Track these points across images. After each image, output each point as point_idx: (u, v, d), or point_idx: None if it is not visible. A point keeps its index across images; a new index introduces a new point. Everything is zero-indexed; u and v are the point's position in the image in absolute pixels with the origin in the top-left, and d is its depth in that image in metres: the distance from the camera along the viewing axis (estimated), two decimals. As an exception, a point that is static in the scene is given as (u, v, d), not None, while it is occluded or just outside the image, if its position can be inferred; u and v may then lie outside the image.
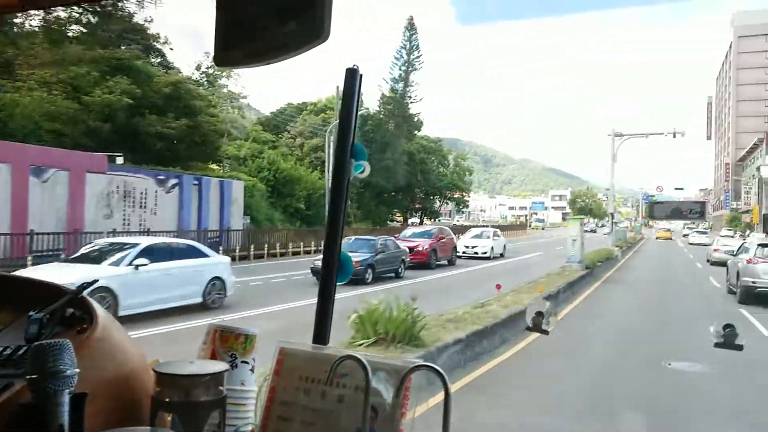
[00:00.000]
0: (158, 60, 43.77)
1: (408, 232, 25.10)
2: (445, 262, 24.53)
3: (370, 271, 16.66)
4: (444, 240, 24.14)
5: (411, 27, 50.45)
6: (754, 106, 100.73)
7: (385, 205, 54.84)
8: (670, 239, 76.30)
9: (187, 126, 38.33)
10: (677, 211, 23.57)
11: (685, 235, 74.79)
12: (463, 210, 75.36)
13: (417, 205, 69.43)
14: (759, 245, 16.86)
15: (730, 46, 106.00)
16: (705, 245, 41.79)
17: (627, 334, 11.40)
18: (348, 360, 0.96)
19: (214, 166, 40.34)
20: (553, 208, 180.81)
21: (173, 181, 24.75)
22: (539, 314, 2.40)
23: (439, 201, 72.25)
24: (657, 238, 76.70)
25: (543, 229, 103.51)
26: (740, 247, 18.79)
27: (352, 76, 1.26)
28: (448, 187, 67.52)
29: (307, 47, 0.88)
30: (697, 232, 70.55)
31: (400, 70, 51.12)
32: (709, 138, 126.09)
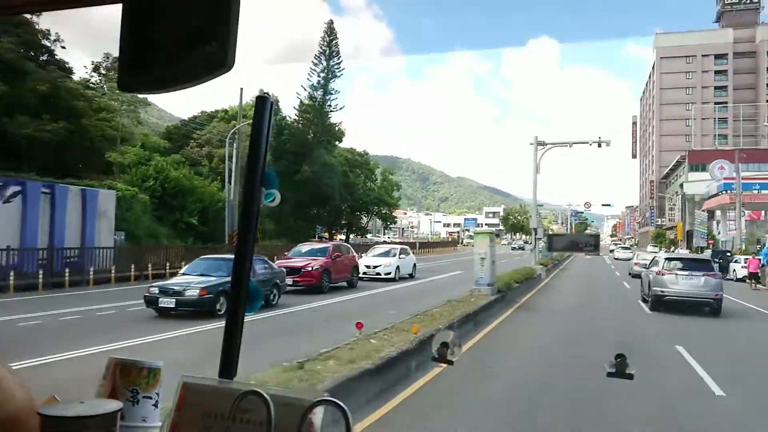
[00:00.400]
0: (45, 58, 38.92)
1: (301, 248, 21.50)
2: (344, 283, 21.09)
3: (222, 299, 12.93)
4: (341, 258, 20.67)
5: (330, 32, 47.35)
6: (677, 125, 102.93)
7: (305, 221, 51.04)
8: (598, 255, 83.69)
9: (68, 130, 33.71)
10: (574, 243, 23.86)
11: (611, 251, 79.03)
12: (390, 226, 72.19)
13: (343, 221, 66.11)
14: (666, 259, 18.85)
15: (653, 67, 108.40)
16: (628, 260, 45.73)
17: (533, 389, 8.17)
18: (250, 395, 0.93)
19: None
20: (486, 225, 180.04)
21: (14, 189, 20.32)
22: (444, 345, 2.49)
23: (366, 217, 69.04)
24: (586, 253, 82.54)
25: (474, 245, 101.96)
26: (652, 260, 20.93)
27: (263, 103, 1.18)
28: (375, 202, 64.45)
29: (211, 76, 0.89)
30: (621, 248, 76.15)
31: (318, 76, 47.82)
32: (634, 156, 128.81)
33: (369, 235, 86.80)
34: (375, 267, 23.24)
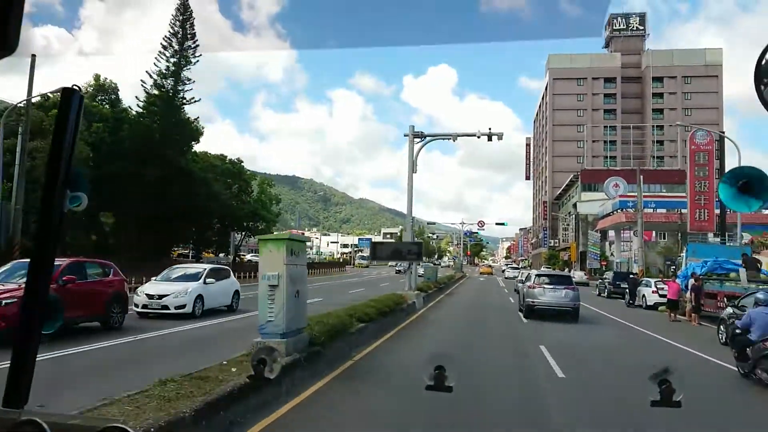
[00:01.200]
0: None
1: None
2: (98, 323, 13.14)
3: None
4: (83, 286, 12.70)
5: (184, 9, 39.14)
6: (569, 146, 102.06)
7: (152, 235, 41.86)
8: (491, 274, 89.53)
9: None
10: (398, 251, 22.95)
11: (503, 271, 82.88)
12: (267, 244, 64.19)
13: (214, 238, 57.21)
14: (537, 275, 22.21)
15: (546, 88, 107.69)
16: (515, 278, 50.31)
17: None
18: (27, 426, 0.88)
19: None
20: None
21: None
22: (262, 361, 2.44)
23: (239, 234, 60.36)
24: (481, 273, 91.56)
25: (367, 266, 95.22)
26: (526, 276, 24.81)
27: (69, 97, 1.07)
28: (249, 216, 56.12)
29: None
30: (511, 268, 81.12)
31: (168, 62, 39.33)
32: (528, 178, 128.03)
33: (249, 255, 78.10)
34: (161, 297, 15.32)
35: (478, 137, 21.44)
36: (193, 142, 44.00)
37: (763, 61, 2.67)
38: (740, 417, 8.26)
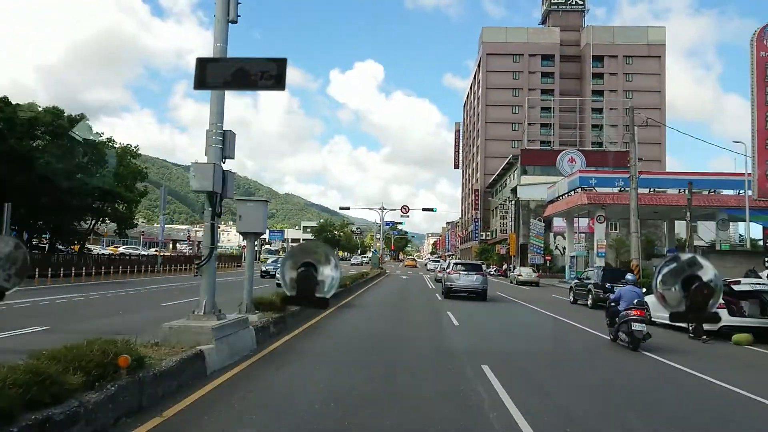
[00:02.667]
0: None
1: None
2: None
3: None
4: None
5: None
6: (503, 129, 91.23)
7: None
8: (416, 266, 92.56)
9: None
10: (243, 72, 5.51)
11: (425, 265, 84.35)
12: (126, 231, 48.18)
13: (42, 222, 41.49)
14: (453, 264, 28.49)
15: (479, 64, 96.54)
16: (435, 270, 50.73)
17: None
18: None
19: None
20: (303, 240, 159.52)
21: None
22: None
23: (92, 217, 44.64)
24: (406, 266, 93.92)
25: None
26: (447, 264, 31.83)
27: None
28: (103, 195, 40.89)
29: None
30: (432, 260, 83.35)
31: None
32: (457, 166, 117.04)
33: (99, 246, 61.94)
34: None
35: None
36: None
37: None
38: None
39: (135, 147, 45.43)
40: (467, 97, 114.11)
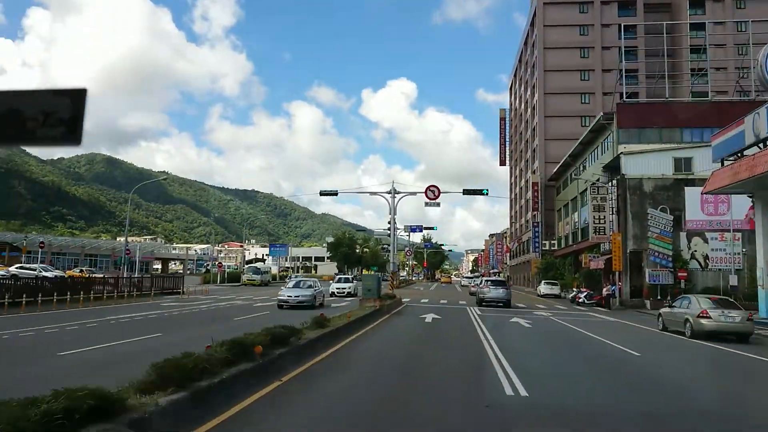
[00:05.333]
0: None
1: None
2: None
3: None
4: None
5: None
6: (568, 102, 66.47)
7: None
8: (450, 283, 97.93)
9: None
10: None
11: (460, 281, 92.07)
12: None
13: None
14: (485, 280, 36.54)
15: (532, 22, 72.37)
16: (469, 285, 59.96)
17: None
18: None
19: None
20: (328, 258, 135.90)
21: None
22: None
23: None
24: (442, 282, 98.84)
25: (261, 284, 56.57)
26: (480, 281, 38.98)
27: None
28: None
29: None
30: (465, 277, 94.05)
31: None
32: (503, 163, 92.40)
33: None
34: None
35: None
36: None
37: None
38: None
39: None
40: (515, 71, 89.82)
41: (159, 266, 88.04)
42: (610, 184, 36.78)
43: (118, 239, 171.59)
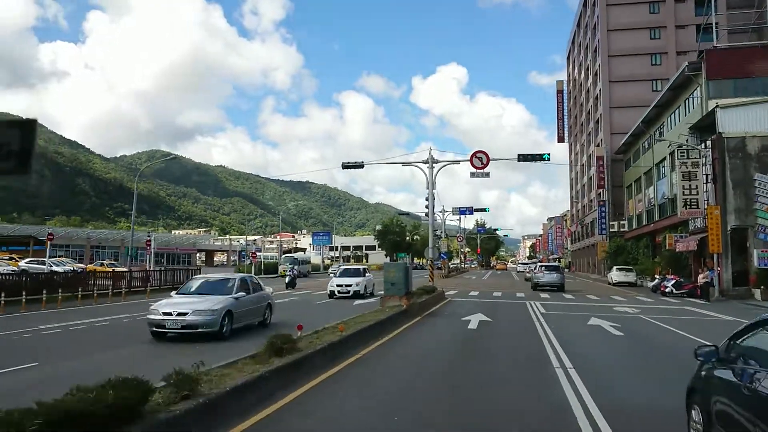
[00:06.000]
0: None
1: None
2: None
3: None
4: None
5: None
6: (636, 64, 58.52)
7: None
8: (506, 270, 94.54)
9: None
10: None
11: (515, 268, 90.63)
12: None
13: None
14: (540, 265, 37.63)
15: (593, -21, 64.36)
16: (523, 271, 62.30)
17: None
18: None
19: None
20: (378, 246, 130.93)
21: None
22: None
23: None
24: (497, 269, 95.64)
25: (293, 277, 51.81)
26: (535, 267, 40.78)
27: None
28: None
29: None
30: (521, 263, 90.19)
31: None
32: (561, 140, 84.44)
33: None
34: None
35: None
36: None
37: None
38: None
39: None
40: (573, 38, 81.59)
41: (203, 258, 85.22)
42: (702, 145, 29.51)
43: (173, 232, 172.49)
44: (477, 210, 51.00)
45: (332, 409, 6.49)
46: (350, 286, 24.61)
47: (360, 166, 25.56)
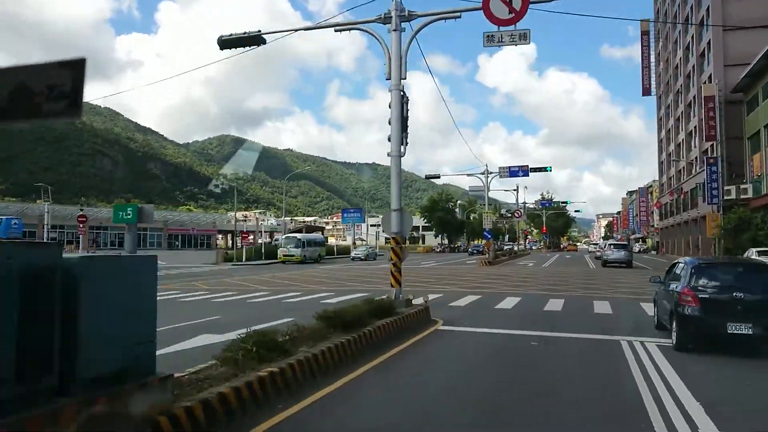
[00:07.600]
0: None
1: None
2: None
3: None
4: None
5: None
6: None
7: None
8: (576, 251, 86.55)
9: None
10: None
11: (587, 249, 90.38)
12: None
13: None
14: (609, 243, 42.35)
15: None
16: (594, 251, 64.63)
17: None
18: None
19: None
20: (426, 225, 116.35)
21: None
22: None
23: None
24: (567, 249, 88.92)
25: (297, 260, 39.20)
26: (604, 245, 50.43)
27: None
28: None
29: None
30: (592, 244, 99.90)
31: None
32: (646, 93, 66.75)
33: None
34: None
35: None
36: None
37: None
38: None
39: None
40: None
41: (221, 241, 74.39)
42: None
43: (229, 213, 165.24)
44: (534, 169, 35.90)
45: None
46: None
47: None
